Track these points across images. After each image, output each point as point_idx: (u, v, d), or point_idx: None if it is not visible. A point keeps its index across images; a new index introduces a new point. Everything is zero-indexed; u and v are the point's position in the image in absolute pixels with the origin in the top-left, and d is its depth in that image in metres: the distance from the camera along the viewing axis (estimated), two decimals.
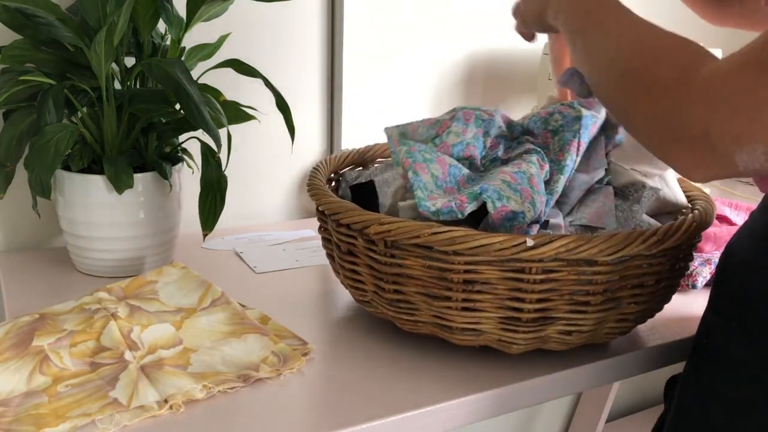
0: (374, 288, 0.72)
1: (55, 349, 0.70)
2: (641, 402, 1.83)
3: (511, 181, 0.69)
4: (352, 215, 0.68)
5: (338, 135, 1.19)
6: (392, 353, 0.74)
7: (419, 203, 0.69)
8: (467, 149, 0.76)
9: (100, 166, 0.86)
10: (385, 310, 0.73)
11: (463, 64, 1.30)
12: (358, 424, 0.62)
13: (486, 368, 0.71)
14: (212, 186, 0.86)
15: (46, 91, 0.81)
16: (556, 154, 0.76)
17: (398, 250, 0.67)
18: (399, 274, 0.69)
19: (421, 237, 0.64)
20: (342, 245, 0.73)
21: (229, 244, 1.05)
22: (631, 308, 0.69)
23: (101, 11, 0.82)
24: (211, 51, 0.98)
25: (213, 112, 0.86)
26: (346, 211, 0.69)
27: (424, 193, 0.70)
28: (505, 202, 0.67)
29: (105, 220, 0.87)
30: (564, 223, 0.75)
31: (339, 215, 0.70)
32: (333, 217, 0.71)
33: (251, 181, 1.16)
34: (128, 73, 0.88)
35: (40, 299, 0.82)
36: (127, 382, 0.65)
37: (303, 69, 1.16)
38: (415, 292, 0.69)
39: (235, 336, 0.73)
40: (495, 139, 0.78)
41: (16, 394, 0.63)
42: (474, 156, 0.77)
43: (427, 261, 0.66)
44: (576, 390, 0.75)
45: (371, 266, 0.71)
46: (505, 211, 0.67)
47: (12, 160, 0.85)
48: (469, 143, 0.76)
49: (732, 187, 1.49)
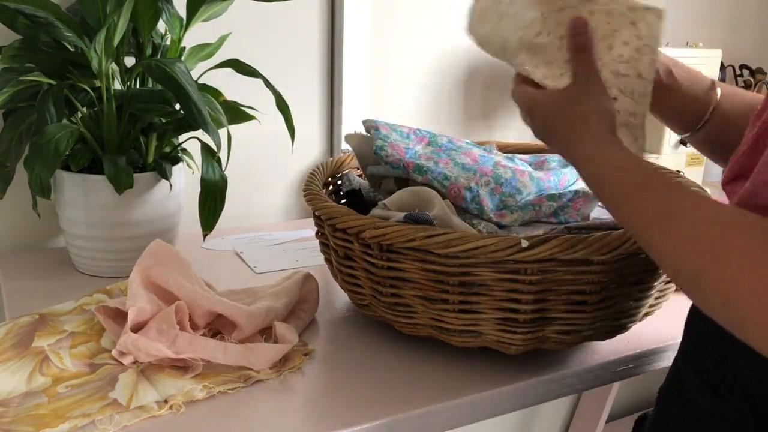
0: (372, 292, 0.72)
1: (56, 349, 0.70)
2: (641, 402, 1.83)
3: (469, 163, 0.74)
4: (347, 220, 0.68)
5: (338, 135, 1.19)
6: (392, 353, 0.74)
7: (376, 151, 0.79)
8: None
9: (100, 166, 0.86)
10: (384, 313, 0.73)
11: (463, 64, 1.30)
12: (358, 424, 0.62)
13: (485, 369, 0.71)
14: (212, 186, 0.86)
15: (46, 91, 0.81)
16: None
17: (394, 254, 0.67)
18: (396, 278, 0.69)
19: (416, 240, 0.64)
20: (339, 250, 0.73)
21: (229, 244, 1.05)
22: (628, 306, 0.69)
23: (101, 11, 0.82)
24: (211, 51, 0.98)
25: (213, 112, 0.87)
26: (341, 216, 0.69)
27: (384, 142, 0.80)
28: (453, 181, 0.75)
29: (105, 220, 0.87)
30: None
31: (335, 220, 0.70)
32: (329, 222, 0.72)
33: (251, 181, 1.16)
34: (128, 73, 0.88)
35: (40, 299, 0.82)
36: (127, 382, 0.65)
37: (303, 69, 1.16)
38: (413, 295, 0.69)
39: None
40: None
41: (16, 394, 0.63)
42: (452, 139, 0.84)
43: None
44: (576, 390, 0.75)
45: (368, 270, 0.71)
46: (456, 187, 0.75)
47: (12, 160, 0.85)
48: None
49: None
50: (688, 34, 1.49)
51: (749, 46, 1.65)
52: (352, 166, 0.91)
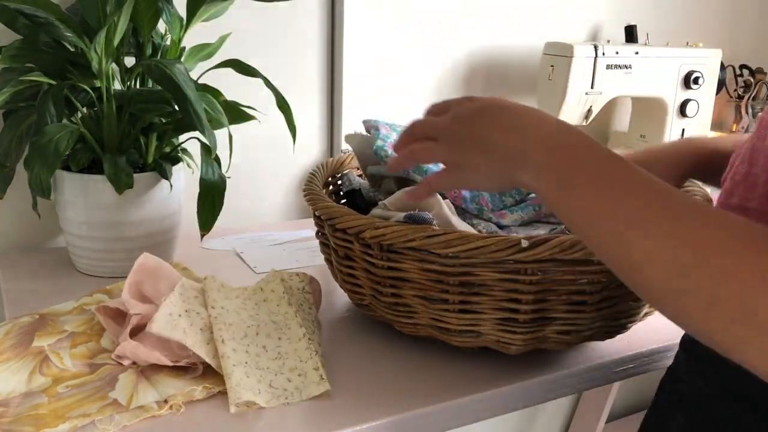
0: (372, 292, 0.72)
1: (56, 350, 0.70)
2: (641, 402, 1.83)
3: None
4: (348, 220, 0.68)
5: (338, 135, 1.19)
6: (392, 353, 0.74)
7: (376, 151, 0.81)
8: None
9: (100, 166, 0.86)
10: (384, 313, 0.73)
11: (463, 64, 1.30)
12: (358, 424, 0.62)
13: (485, 368, 0.71)
14: (211, 186, 0.86)
15: (46, 91, 0.81)
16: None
17: (394, 254, 0.67)
18: (396, 278, 0.69)
19: (416, 240, 0.64)
20: (339, 250, 0.73)
21: (229, 244, 1.05)
22: (628, 306, 0.69)
23: (101, 11, 0.82)
24: (211, 51, 0.98)
25: (213, 112, 0.86)
26: (341, 216, 0.69)
27: (383, 142, 0.82)
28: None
29: (105, 220, 0.87)
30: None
31: (335, 220, 0.70)
32: (329, 222, 0.72)
33: (251, 181, 1.16)
34: (128, 73, 0.88)
35: (40, 299, 0.82)
36: (127, 382, 0.65)
37: (303, 69, 1.16)
38: (413, 295, 0.69)
39: None
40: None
41: (16, 394, 0.63)
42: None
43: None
44: (576, 390, 0.75)
45: (368, 270, 0.71)
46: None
47: (12, 160, 0.85)
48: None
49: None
50: (688, 34, 1.49)
51: (749, 46, 1.65)
52: (352, 166, 0.92)
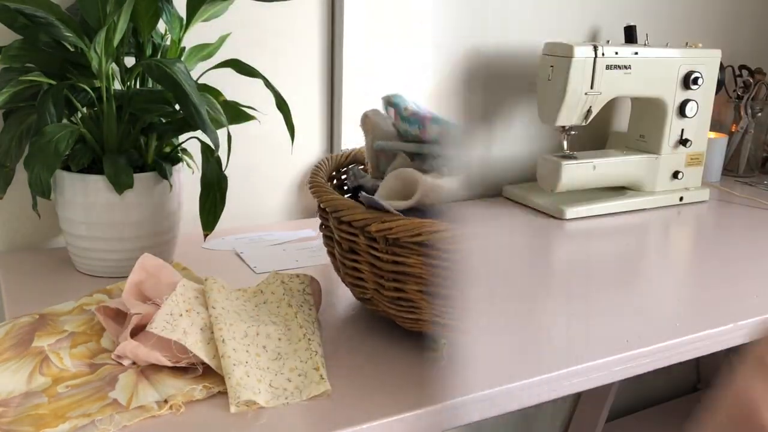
0: (375, 286, 0.72)
1: (56, 350, 0.70)
2: (641, 402, 1.83)
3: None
4: (354, 213, 0.68)
5: (338, 135, 1.19)
6: (392, 353, 0.74)
7: (396, 103, 0.81)
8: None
9: (100, 166, 0.86)
10: (386, 308, 0.73)
11: (463, 64, 1.30)
12: (358, 424, 0.62)
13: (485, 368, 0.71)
14: (212, 186, 0.86)
15: (46, 91, 0.81)
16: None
17: (399, 248, 0.67)
18: (400, 272, 0.69)
19: (423, 235, 0.64)
20: (343, 243, 0.73)
21: (229, 244, 1.05)
22: None
23: (101, 11, 0.82)
24: (211, 51, 0.98)
25: (213, 112, 0.87)
26: (347, 209, 0.69)
27: (403, 103, 0.82)
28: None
29: (105, 220, 0.87)
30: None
31: (340, 213, 0.70)
32: (334, 215, 0.71)
33: (251, 181, 1.16)
34: (128, 73, 0.88)
35: (40, 299, 0.82)
36: (127, 382, 0.65)
37: (303, 69, 1.16)
38: (416, 290, 0.69)
39: None
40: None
41: (16, 394, 0.63)
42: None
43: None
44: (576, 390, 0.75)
45: (372, 264, 0.71)
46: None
47: (12, 160, 0.85)
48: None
49: (731, 188, 1.49)
50: (687, 35, 1.49)
51: (748, 47, 1.66)
52: (357, 160, 0.91)
